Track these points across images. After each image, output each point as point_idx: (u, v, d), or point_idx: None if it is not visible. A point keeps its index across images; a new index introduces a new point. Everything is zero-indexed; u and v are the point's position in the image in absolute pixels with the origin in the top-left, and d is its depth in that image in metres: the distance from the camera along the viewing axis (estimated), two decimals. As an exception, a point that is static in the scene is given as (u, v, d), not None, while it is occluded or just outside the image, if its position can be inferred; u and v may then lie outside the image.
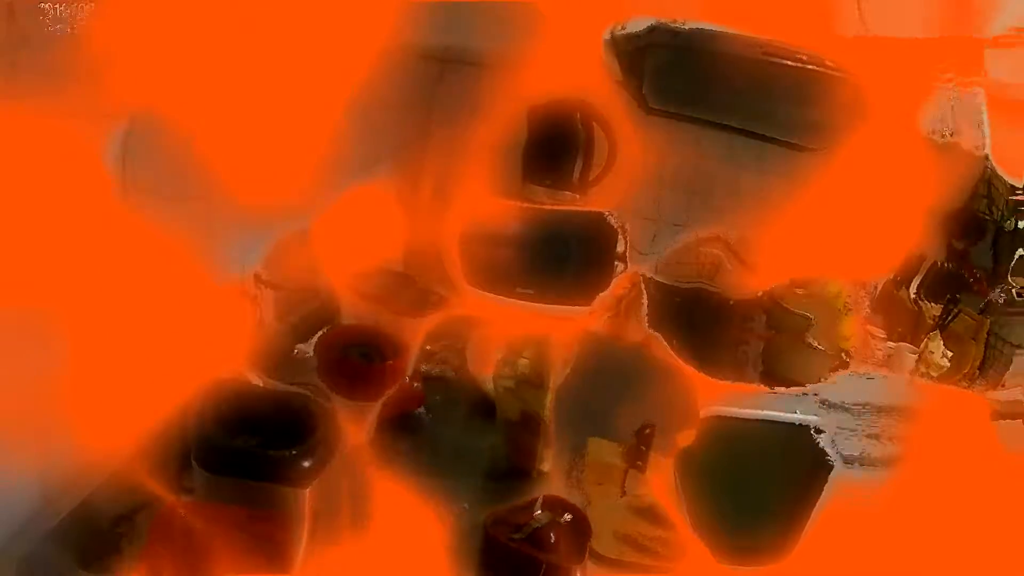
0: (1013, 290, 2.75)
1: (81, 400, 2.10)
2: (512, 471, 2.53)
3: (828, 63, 2.60)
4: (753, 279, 2.83)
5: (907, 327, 2.82)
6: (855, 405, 2.76)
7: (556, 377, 2.56)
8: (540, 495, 2.21)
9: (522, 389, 2.52)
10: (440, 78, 2.73)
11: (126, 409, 2.28)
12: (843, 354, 2.79)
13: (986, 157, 2.69)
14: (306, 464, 2.15)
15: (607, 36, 2.74)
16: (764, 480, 2.71)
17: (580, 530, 2.18)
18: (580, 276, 3.05)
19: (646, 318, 2.89)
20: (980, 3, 2.61)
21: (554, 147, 2.99)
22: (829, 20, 2.63)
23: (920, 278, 2.83)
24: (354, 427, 2.49)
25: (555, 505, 2.21)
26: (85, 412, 2.11)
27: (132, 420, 2.30)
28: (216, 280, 2.58)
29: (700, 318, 2.90)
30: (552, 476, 2.54)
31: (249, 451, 2.16)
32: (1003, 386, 2.82)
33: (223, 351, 2.63)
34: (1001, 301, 2.75)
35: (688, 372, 2.83)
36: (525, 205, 3.00)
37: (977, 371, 2.79)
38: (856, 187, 2.69)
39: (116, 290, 2.21)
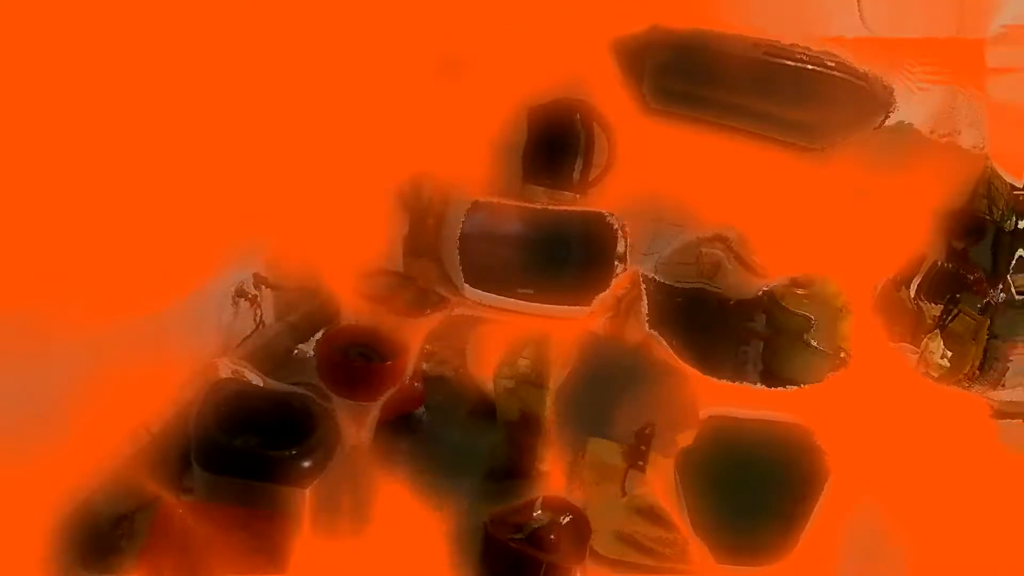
0: (1013, 290, 2.75)
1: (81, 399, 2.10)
2: (512, 471, 2.53)
3: (828, 63, 2.60)
4: (753, 279, 2.83)
5: (907, 327, 2.82)
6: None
7: (556, 377, 2.56)
8: (540, 495, 2.21)
9: (522, 389, 2.52)
10: (440, 78, 2.73)
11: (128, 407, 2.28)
12: (843, 354, 2.79)
13: (986, 157, 2.69)
14: (306, 464, 2.15)
15: (608, 36, 2.74)
16: (764, 480, 2.71)
17: (580, 530, 2.18)
18: (580, 276, 3.05)
19: (646, 318, 2.89)
20: (980, 3, 2.61)
21: (554, 147, 2.99)
22: (829, 20, 2.63)
23: (920, 278, 2.83)
24: (354, 427, 2.49)
25: (555, 505, 2.21)
26: (85, 411, 2.11)
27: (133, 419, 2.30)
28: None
29: (700, 318, 2.89)
30: (552, 476, 2.54)
31: (249, 451, 2.16)
32: (1003, 386, 2.82)
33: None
34: (1001, 301, 2.75)
35: (688, 372, 2.83)
36: (525, 205, 3.00)
37: (977, 371, 2.79)
38: (856, 187, 2.69)
39: (117, 288, 2.21)
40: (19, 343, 2.00)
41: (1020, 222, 2.71)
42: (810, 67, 2.60)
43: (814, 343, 2.79)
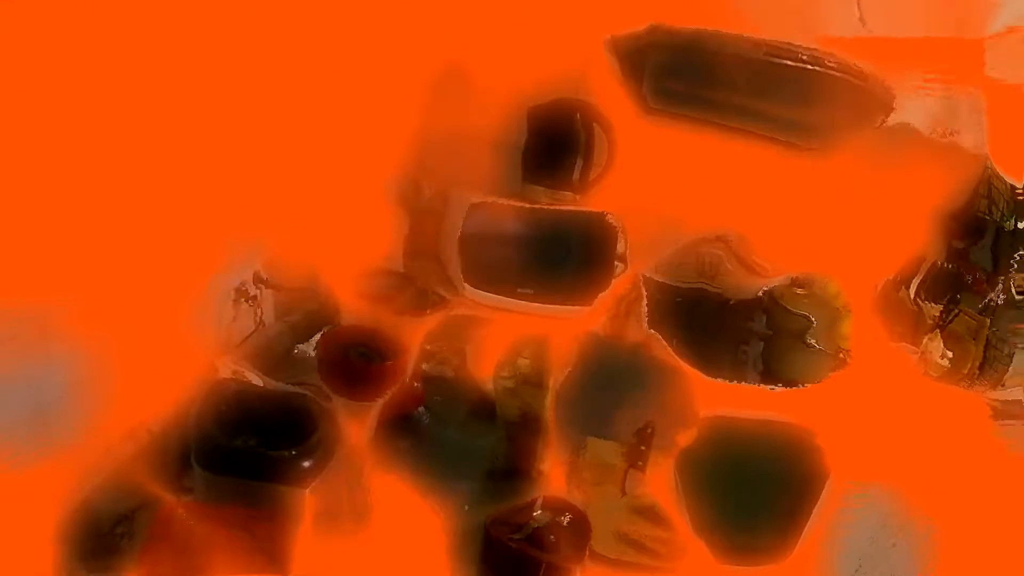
0: (1013, 290, 2.75)
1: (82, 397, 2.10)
2: (512, 471, 2.53)
3: (828, 63, 2.60)
4: (753, 279, 2.83)
5: (907, 327, 2.82)
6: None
7: (556, 377, 2.56)
8: (540, 495, 2.22)
9: (522, 389, 2.53)
10: (439, 78, 2.73)
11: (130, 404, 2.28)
12: (843, 354, 2.79)
13: (986, 157, 2.70)
14: (306, 464, 2.15)
15: (607, 36, 2.74)
16: (764, 480, 2.71)
17: (580, 530, 2.19)
18: (580, 276, 3.05)
19: (646, 318, 2.89)
20: (980, 3, 2.61)
21: (554, 147, 2.99)
22: (829, 20, 2.63)
23: (920, 278, 2.83)
24: (354, 427, 2.49)
25: (555, 505, 2.21)
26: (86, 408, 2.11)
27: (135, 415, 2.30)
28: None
29: (700, 318, 2.90)
30: (552, 476, 2.55)
31: (249, 451, 2.16)
32: (1003, 386, 2.82)
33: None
34: (1001, 301, 2.75)
35: (688, 372, 2.83)
36: (525, 205, 3.00)
37: (977, 371, 2.79)
38: (856, 187, 2.69)
39: (117, 288, 2.21)
40: (19, 343, 2.00)
41: (1020, 222, 2.71)
42: (810, 67, 2.60)
43: (814, 343, 2.79)
